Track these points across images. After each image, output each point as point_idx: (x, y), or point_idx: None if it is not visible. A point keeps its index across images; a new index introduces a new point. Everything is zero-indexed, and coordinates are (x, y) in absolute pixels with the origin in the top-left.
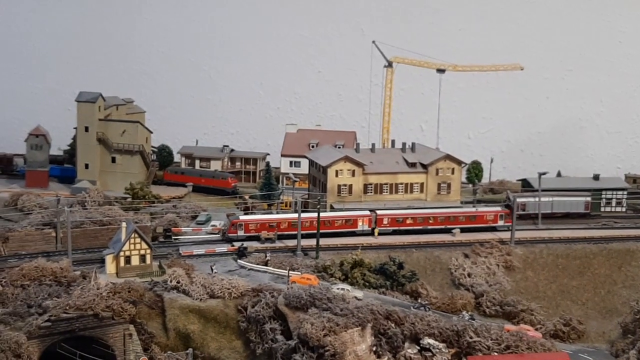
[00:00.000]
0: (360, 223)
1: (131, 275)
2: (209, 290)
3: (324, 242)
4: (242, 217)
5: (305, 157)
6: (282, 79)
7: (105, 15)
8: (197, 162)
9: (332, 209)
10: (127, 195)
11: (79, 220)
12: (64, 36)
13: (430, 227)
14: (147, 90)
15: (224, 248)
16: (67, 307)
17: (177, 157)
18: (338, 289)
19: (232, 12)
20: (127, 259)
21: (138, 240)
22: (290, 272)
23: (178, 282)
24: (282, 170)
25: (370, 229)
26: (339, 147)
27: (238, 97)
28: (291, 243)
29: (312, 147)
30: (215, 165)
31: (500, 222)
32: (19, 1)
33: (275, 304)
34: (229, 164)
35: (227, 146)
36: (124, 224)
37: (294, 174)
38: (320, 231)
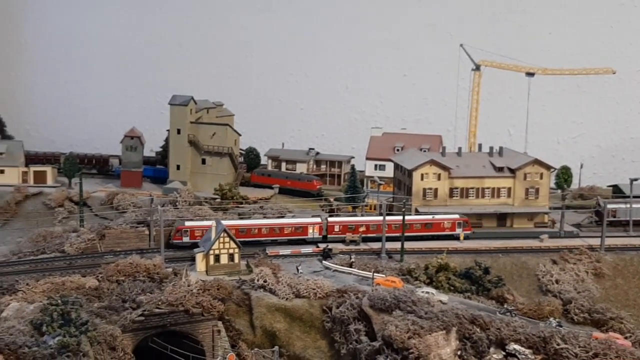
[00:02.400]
0: (310, 230)
1: (220, 273)
2: (295, 289)
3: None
4: (188, 224)
5: (390, 160)
6: (367, 83)
7: (197, 20)
8: (283, 164)
9: (417, 212)
10: (216, 196)
11: (170, 219)
12: (157, 41)
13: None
14: (236, 94)
15: (309, 249)
16: (160, 303)
17: (264, 160)
18: (423, 292)
19: (318, 16)
20: (217, 258)
21: (227, 239)
22: (374, 274)
23: (265, 281)
24: (367, 174)
25: (320, 236)
26: (425, 151)
27: (324, 101)
28: (376, 245)
29: (397, 150)
30: (301, 168)
31: (459, 230)
32: (113, 7)
33: (360, 305)
34: (314, 166)
35: (313, 149)
36: (213, 224)
37: (378, 177)
38: (270, 238)
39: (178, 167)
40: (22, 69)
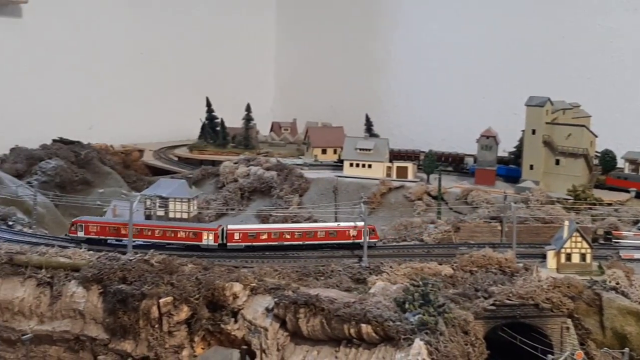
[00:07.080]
0: (205, 237)
1: (570, 272)
2: None
3: None
4: (84, 218)
5: None
6: None
7: (559, 23)
8: None
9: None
10: (569, 197)
11: (522, 217)
12: (514, 44)
13: (286, 242)
14: (593, 95)
15: None
16: (510, 295)
17: (620, 163)
18: None
19: None
20: (568, 256)
21: (579, 239)
22: None
23: (617, 284)
24: None
25: (216, 244)
26: None
27: None
28: None
29: None
30: None
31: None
32: (471, 13)
33: None
34: None
35: None
36: (566, 223)
37: None
38: (160, 242)
39: (531, 167)
40: (386, 76)
